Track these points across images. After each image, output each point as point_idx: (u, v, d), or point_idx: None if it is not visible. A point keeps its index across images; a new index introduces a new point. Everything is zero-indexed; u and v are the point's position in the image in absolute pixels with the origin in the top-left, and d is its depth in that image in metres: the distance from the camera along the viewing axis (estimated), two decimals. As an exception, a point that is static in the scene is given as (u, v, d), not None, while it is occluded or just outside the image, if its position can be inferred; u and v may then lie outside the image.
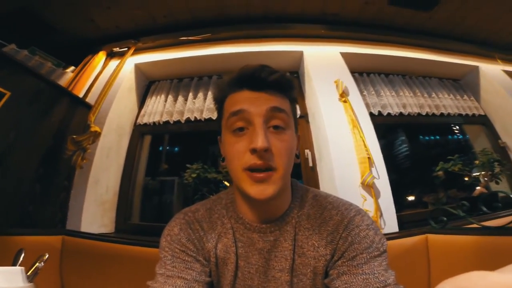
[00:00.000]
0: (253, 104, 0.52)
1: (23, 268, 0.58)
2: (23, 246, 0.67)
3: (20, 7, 1.61)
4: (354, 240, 0.52)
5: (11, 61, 1.37)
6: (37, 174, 1.45)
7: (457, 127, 2.28)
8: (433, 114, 2.03)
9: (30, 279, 0.59)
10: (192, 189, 1.80)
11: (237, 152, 0.51)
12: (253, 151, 0.49)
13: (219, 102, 0.59)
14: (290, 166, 0.54)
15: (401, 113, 1.95)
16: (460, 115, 2.10)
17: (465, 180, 1.73)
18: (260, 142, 0.48)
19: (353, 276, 0.49)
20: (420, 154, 2.34)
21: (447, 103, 2.11)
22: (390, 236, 1.18)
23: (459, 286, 0.21)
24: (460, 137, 2.30)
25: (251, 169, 0.50)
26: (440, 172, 1.76)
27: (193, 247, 0.58)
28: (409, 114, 1.96)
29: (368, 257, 0.50)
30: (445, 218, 1.13)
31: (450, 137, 2.40)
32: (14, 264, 0.61)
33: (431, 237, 1.08)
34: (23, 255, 0.64)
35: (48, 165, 1.50)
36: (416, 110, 1.99)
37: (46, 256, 0.64)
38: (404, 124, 2.17)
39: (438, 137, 2.42)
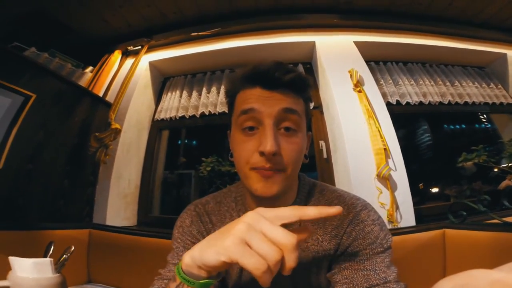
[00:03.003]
0: (264, 104, 0.50)
1: (51, 259, 0.64)
2: (54, 240, 0.73)
3: (35, 9, 1.67)
4: (358, 235, 0.52)
5: (34, 64, 1.45)
6: (65, 171, 1.55)
7: (484, 116, 2.13)
8: (456, 103, 1.91)
9: (58, 269, 0.64)
10: (208, 181, 1.86)
11: (246, 151, 0.50)
12: (262, 153, 0.48)
13: (230, 97, 0.58)
14: (298, 167, 0.54)
15: (421, 102, 1.85)
16: (486, 103, 1.96)
17: (492, 171, 1.61)
18: (269, 146, 0.46)
19: (354, 271, 0.49)
20: (444, 144, 2.22)
21: (471, 91, 1.98)
22: (406, 231, 1.15)
23: (458, 284, 0.21)
24: (488, 126, 2.15)
25: (258, 168, 0.49)
26: (469, 163, 1.64)
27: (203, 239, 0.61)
28: (429, 103, 1.86)
29: (371, 253, 0.50)
30: (464, 213, 1.08)
31: (477, 126, 2.25)
32: (45, 256, 0.66)
33: (449, 232, 1.04)
34: (52, 247, 0.70)
35: (74, 162, 1.60)
36: (437, 99, 1.88)
37: (72, 248, 0.69)
38: (424, 114, 2.07)
39: (463, 126, 2.28)
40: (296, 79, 0.52)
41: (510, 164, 1.56)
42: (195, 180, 2.06)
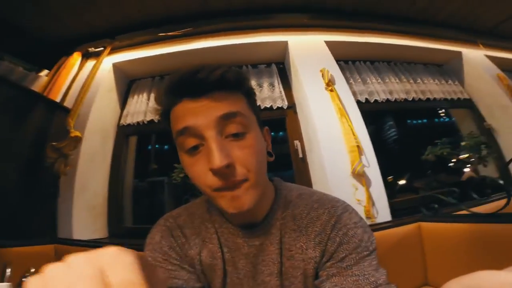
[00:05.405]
0: (198, 116, 0.44)
1: (10, 283, 0.56)
2: (15, 258, 0.65)
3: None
4: (343, 240, 0.50)
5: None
6: (19, 184, 1.40)
7: (443, 110, 2.30)
8: (420, 100, 2.03)
9: (19, 293, 0.57)
10: (182, 188, 1.78)
11: (198, 174, 0.45)
12: (214, 171, 0.43)
13: (164, 119, 0.50)
14: (262, 169, 0.49)
15: (388, 100, 1.95)
16: (445, 99, 2.11)
17: (455, 163, 1.72)
18: (217, 161, 0.41)
19: (343, 278, 0.48)
20: (409, 138, 2.36)
21: (432, 88, 2.12)
22: (383, 226, 1.18)
23: (466, 285, 0.21)
24: (447, 120, 2.33)
25: (219, 189, 0.45)
26: (430, 156, 1.75)
27: (176, 255, 0.56)
28: (396, 100, 1.96)
29: (357, 257, 0.49)
30: (436, 205, 1.13)
31: (436, 120, 2.42)
32: (1, 279, 0.59)
33: (424, 225, 1.08)
34: (9, 269, 0.62)
35: (30, 174, 1.46)
36: (403, 96, 1.99)
37: (32, 270, 0.62)
38: (391, 110, 2.17)
39: (425, 120, 2.45)
40: (226, 74, 0.45)
41: (470, 155, 1.68)
42: (168, 187, 1.97)
